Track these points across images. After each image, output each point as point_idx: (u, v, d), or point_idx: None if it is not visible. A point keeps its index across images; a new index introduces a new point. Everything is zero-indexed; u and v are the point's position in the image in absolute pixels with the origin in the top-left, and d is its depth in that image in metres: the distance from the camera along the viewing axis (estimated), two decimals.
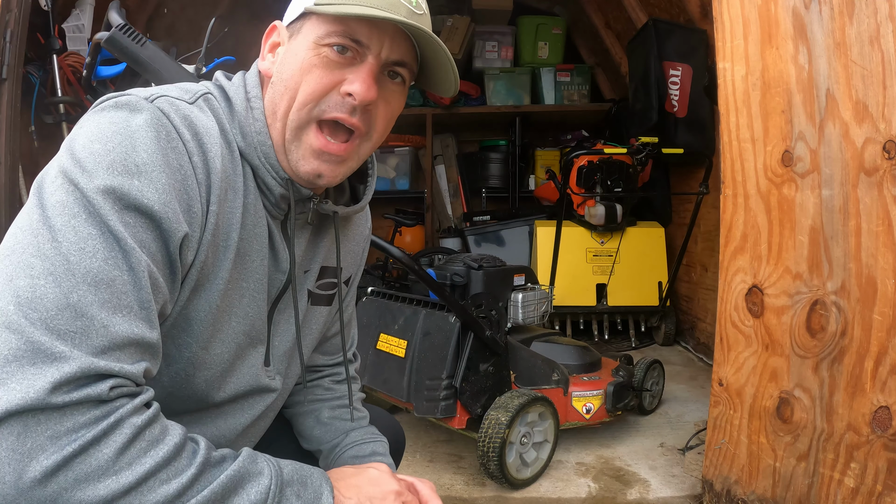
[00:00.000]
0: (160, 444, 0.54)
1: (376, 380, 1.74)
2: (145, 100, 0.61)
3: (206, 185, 0.63)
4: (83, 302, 0.52)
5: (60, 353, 0.50)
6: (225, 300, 0.68)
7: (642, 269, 3.06)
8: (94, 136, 0.57)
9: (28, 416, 0.48)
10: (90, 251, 0.53)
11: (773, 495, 1.34)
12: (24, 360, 0.49)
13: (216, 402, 0.72)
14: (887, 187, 1.17)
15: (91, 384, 0.51)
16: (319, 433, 0.91)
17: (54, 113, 2.27)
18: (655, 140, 2.67)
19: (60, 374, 0.49)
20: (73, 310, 0.51)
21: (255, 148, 0.69)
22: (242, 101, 0.70)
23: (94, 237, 0.54)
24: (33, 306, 0.50)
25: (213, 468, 0.56)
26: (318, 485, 0.64)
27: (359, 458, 0.86)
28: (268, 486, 0.59)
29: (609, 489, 1.60)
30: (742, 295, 1.35)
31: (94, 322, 0.52)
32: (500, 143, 4.29)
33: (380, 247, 1.50)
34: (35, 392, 0.48)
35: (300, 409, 0.93)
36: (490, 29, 4.16)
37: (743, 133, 1.33)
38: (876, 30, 1.18)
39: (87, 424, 0.50)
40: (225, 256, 0.66)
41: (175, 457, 0.54)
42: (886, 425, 1.18)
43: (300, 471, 0.64)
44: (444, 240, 3.91)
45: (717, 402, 1.41)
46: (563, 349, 1.90)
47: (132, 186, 0.56)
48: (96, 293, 0.53)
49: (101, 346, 0.52)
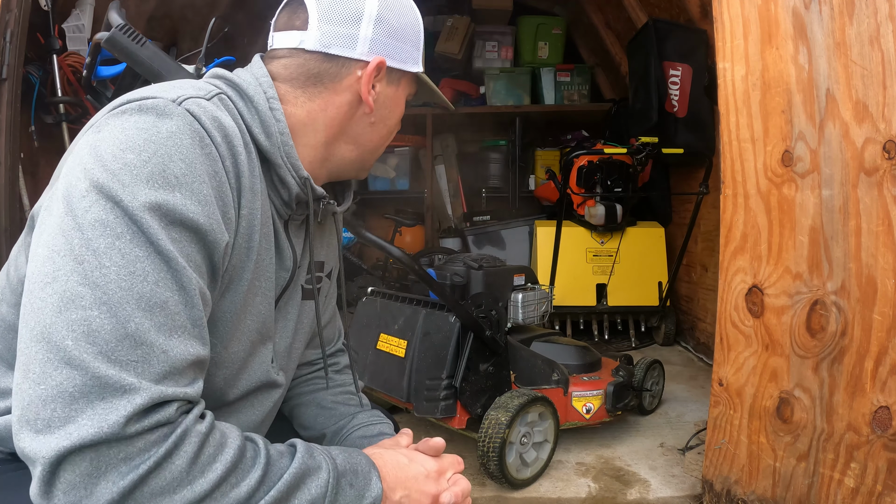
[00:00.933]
0: (225, 447, 0.55)
1: (376, 380, 1.74)
2: (172, 102, 0.59)
3: (237, 188, 0.64)
4: (141, 329, 0.51)
5: (128, 384, 0.50)
6: (245, 300, 0.69)
7: (642, 269, 3.06)
8: (125, 145, 0.55)
9: (101, 445, 0.49)
10: (140, 274, 0.52)
11: (773, 495, 1.34)
12: (93, 396, 0.49)
13: (229, 401, 0.73)
14: (887, 187, 1.17)
15: (159, 410, 0.51)
16: (323, 419, 0.91)
17: (54, 113, 2.27)
18: (655, 140, 2.67)
19: (132, 406, 0.49)
20: (132, 339, 0.51)
21: (279, 147, 0.70)
22: (263, 101, 0.70)
23: (142, 259, 0.52)
24: (91, 340, 0.50)
25: (275, 466, 0.57)
26: (366, 471, 0.65)
27: (367, 438, 0.86)
28: (326, 479, 0.60)
29: (609, 489, 1.60)
30: (742, 295, 1.35)
31: (154, 349, 0.52)
32: (500, 143, 4.28)
33: (380, 247, 1.50)
34: (109, 426, 0.48)
35: (300, 401, 0.94)
36: (490, 29, 4.16)
37: (743, 133, 1.33)
38: (876, 30, 1.18)
39: (157, 442, 0.51)
40: (248, 258, 0.67)
41: (240, 459, 0.55)
42: (886, 425, 1.18)
43: (350, 458, 0.65)
44: (444, 240, 3.91)
45: (717, 402, 1.41)
46: (563, 349, 1.90)
47: (176, 200, 0.54)
48: (152, 318, 0.52)
49: (163, 372, 0.52)
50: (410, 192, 4.23)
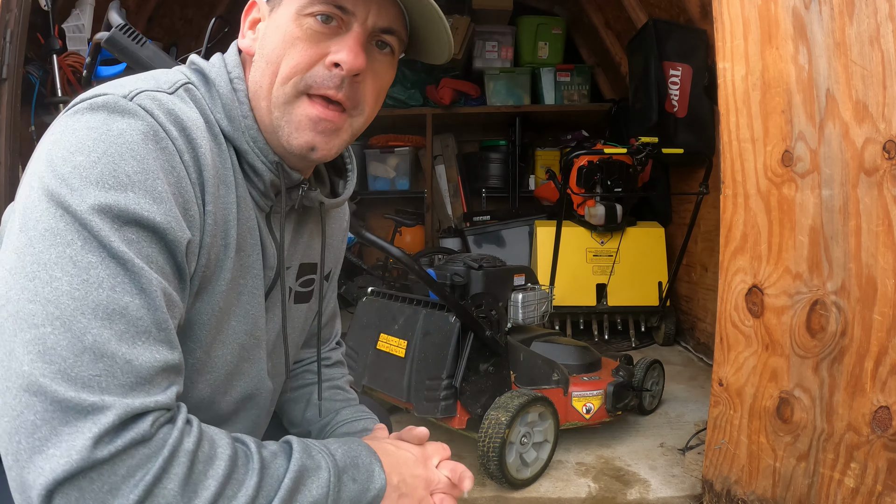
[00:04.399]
0: (216, 459, 0.52)
1: (376, 380, 1.74)
2: (123, 98, 0.55)
3: (199, 183, 0.59)
4: (99, 341, 0.47)
5: (91, 404, 0.46)
6: (226, 301, 0.65)
7: (642, 269, 3.06)
8: (75, 147, 0.52)
9: (80, 479, 0.45)
10: (95, 282, 0.48)
11: (773, 495, 1.34)
12: (56, 422, 0.45)
13: (223, 411, 0.70)
14: (887, 187, 1.17)
15: (131, 426, 0.48)
16: (311, 415, 0.90)
17: (54, 113, 2.27)
18: (655, 140, 2.67)
19: (98, 427, 0.46)
20: (91, 352, 0.47)
21: (243, 132, 0.65)
22: (225, 83, 0.66)
23: (96, 265, 0.49)
24: (47, 359, 0.46)
25: (270, 469, 0.55)
26: (368, 462, 0.64)
27: (351, 434, 0.84)
28: (327, 478, 0.58)
29: (609, 489, 1.60)
30: (742, 295, 1.35)
31: (117, 359, 0.48)
32: (500, 143, 4.28)
33: (380, 247, 1.50)
34: (77, 453, 0.45)
35: (290, 396, 0.92)
36: (490, 29, 4.16)
37: (743, 133, 1.33)
38: (876, 30, 1.18)
39: (141, 465, 0.47)
40: (226, 255, 0.63)
41: (234, 469, 0.52)
42: (886, 425, 1.18)
43: (350, 451, 0.63)
44: (444, 240, 3.91)
45: (717, 402, 1.41)
46: (563, 349, 1.90)
47: (128, 200, 0.51)
48: (111, 327, 0.48)
49: (129, 384, 0.48)
50: (410, 192, 4.23)
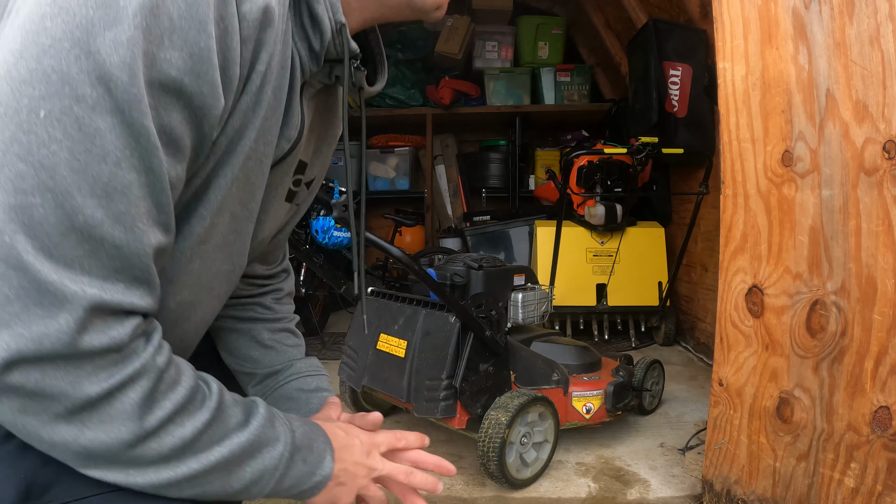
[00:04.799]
0: (178, 385, 0.51)
1: (376, 380, 1.74)
2: None
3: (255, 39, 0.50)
4: (91, 223, 0.42)
5: (72, 292, 0.42)
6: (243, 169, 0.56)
7: (642, 269, 3.06)
8: None
9: (45, 363, 0.43)
10: (98, 154, 0.42)
11: (773, 495, 1.34)
12: (29, 301, 0.42)
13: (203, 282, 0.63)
14: (887, 187, 1.17)
15: (112, 326, 0.45)
16: (258, 355, 0.86)
17: None
18: (655, 140, 2.67)
19: (74, 318, 0.42)
20: (79, 233, 0.42)
21: None
22: None
23: (104, 133, 0.42)
24: (31, 233, 0.41)
25: (225, 414, 0.55)
26: (321, 449, 0.64)
27: (304, 391, 0.84)
28: (281, 452, 0.59)
29: (609, 489, 1.60)
30: (742, 295, 1.35)
31: (104, 244, 0.44)
32: (500, 143, 4.28)
33: (380, 247, 1.50)
34: (49, 340, 0.42)
35: (232, 325, 0.86)
36: (490, 29, 4.16)
37: (743, 133, 1.33)
38: (876, 30, 1.18)
39: (108, 368, 0.45)
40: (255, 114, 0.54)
41: (191, 399, 0.52)
42: (886, 425, 1.18)
43: (309, 433, 0.64)
44: (444, 240, 3.91)
45: (717, 402, 1.41)
46: (563, 349, 1.90)
47: (160, 55, 0.43)
48: (107, 207, 0.43)
49: (114, 268, 0.45)
50: (410, 192, 4.24)
